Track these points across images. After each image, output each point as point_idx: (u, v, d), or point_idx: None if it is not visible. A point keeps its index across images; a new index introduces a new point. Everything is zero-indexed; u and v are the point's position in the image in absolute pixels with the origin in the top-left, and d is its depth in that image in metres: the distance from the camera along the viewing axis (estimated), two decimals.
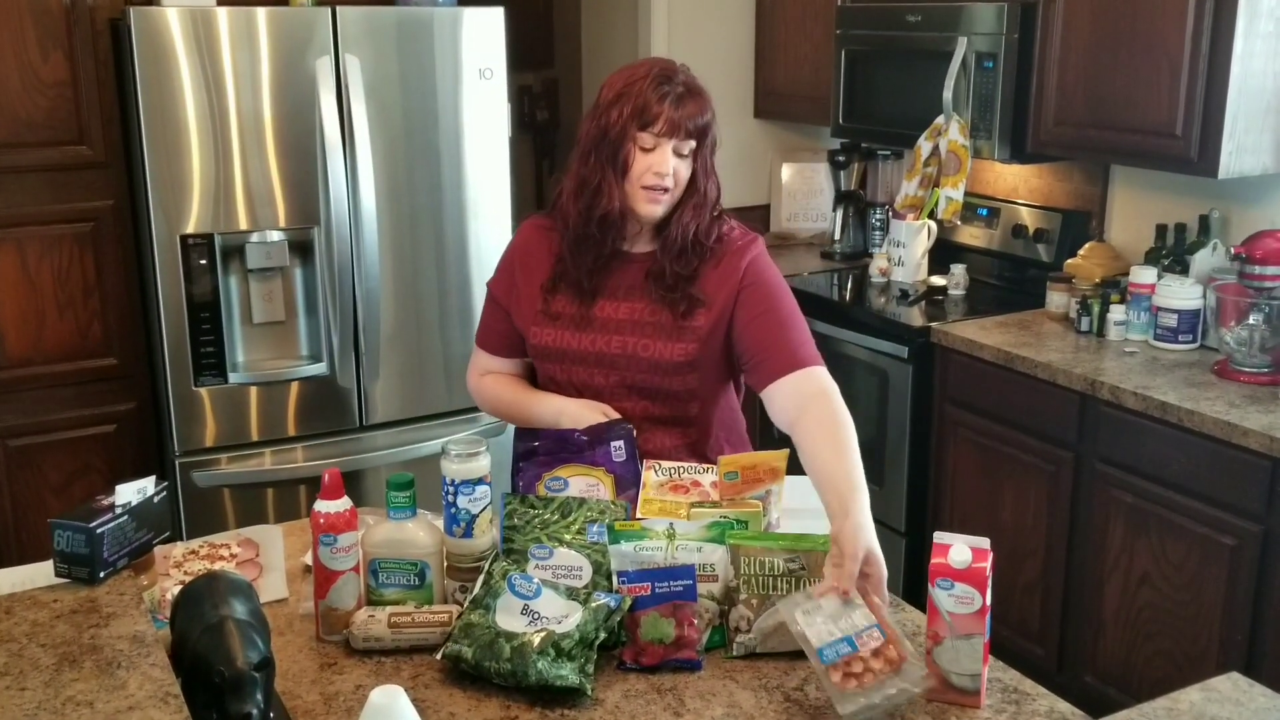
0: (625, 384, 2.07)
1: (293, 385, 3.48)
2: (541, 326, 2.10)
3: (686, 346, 2.04)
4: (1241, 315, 2.94)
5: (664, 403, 2.09)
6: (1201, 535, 2.77)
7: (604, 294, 2.08)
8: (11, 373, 3.44)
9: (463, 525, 1.78)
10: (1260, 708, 1.48)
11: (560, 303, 2.10)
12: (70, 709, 1.39)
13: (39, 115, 3.34)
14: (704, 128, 2.00)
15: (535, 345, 2.12)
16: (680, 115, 1.97)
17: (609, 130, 1.98)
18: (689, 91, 2.00)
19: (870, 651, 1.52)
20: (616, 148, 1.98)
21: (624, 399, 2.08)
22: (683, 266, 2.04)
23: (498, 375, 2.22)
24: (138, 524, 1.78)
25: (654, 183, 1.99)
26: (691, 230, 2.03)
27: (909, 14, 3.76)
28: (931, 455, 3.52)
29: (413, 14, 3.46)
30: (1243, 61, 2.92)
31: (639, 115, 1.97)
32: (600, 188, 2.00)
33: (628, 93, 1.98)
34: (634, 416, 2.06)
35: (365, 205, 3.40)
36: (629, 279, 2.08)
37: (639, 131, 1.97)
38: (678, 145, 1.98)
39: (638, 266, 2.08)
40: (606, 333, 2.07)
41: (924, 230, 3.92)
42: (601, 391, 2.08)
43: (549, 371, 2.13)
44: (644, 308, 2.06)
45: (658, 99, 1.96)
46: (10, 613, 1.62)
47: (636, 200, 2.01)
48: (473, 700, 1.58)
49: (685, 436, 2.13)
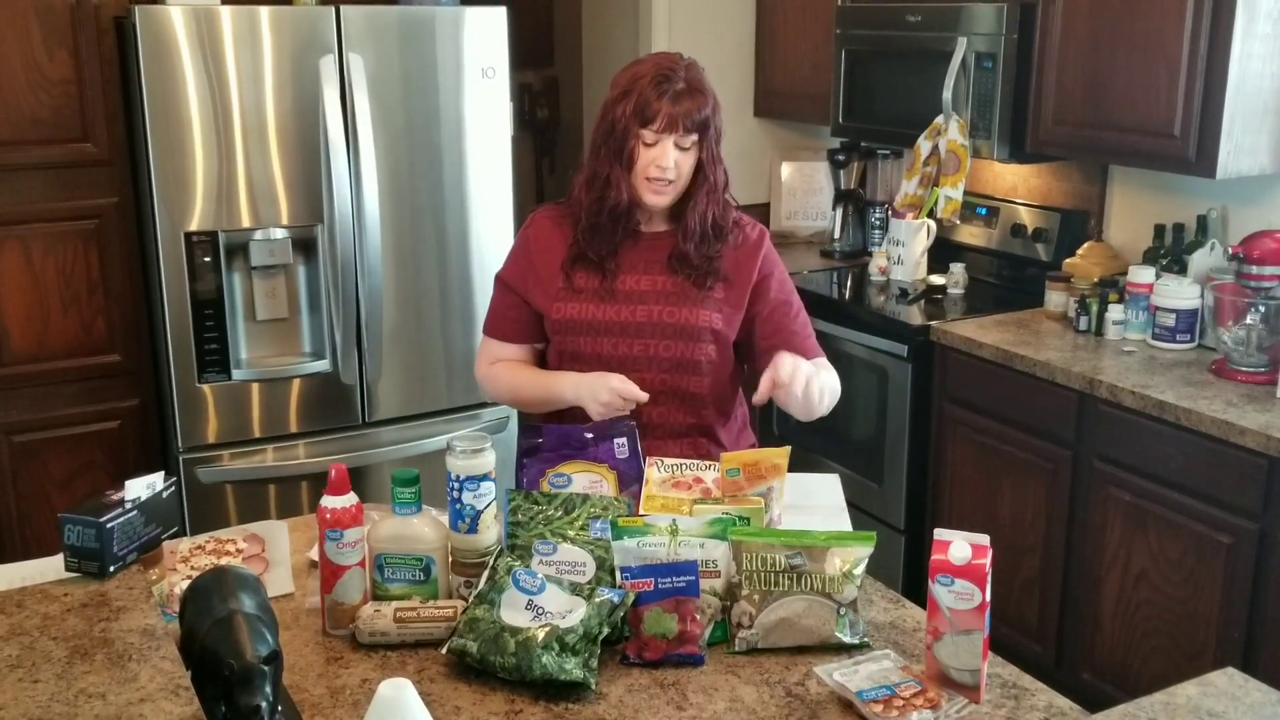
0: (649, 354, 2.15)
1: (296, 382, 3.50)
2: (565, 301, 2.17)
3: (710, 314, 2.15)
4: (1239, 315, 2.96)
5: (683, 374, 2.16)
6: (1199, 533, 2.79)
7: (625, 270, 2.17)
8: (16, 369, 3.45)
9: (467, 521, 1.80)
10: (1255, 702, 1.50)
11: (582, 279, 2.17)
12: (83, 701, 1.40)
13: (44, 113, 3.35)
14: (704, 122, 2.09)
15: (559, 320, 2.17)
16: (678, 111, 2.06)
17: (615, 127, 2.09)
18: (689, 87, 2.08)
19: (910, 693, 1.54)
20: (621, 143, 2.09)
21: (645, 369, 2.14)
22: (706, 249, 2.15)
23: (508, 362, 2.27)
24: (147, 519, 1.80)
25: (657, 175, 2.09)
26: (710, 216, 2.15)
27: (909, 14, 3.78)
28: (930, 453, 3.54)
29: (415, 13, 3.48)
30: (1241, 62, 2.94)
31: (640, 113, 2.07)
32: (609, 180, 2.11)
33: (630, 91, 2.08)
34: (652, 389, 2.12)
35: (368, 203, 3.42)
36: (649, 255, 2.18)
37: (640, 128, 2.08)
38: (678, 139, 2.08)
39: (656, 244, 2.18)
40: (631, 303, 2.15)
41: (923, 229, 3.94)
42: (625, 362, 2.14)
43: (572, 345, 2.18)
44: (666, 280, 2.16)
45: (656, 96, 2.06)
46: (22, 606, 1.63)
47: (642, 191, 2.11)
48: (477, 694, 1.59)
49: (698, 416, 2.20)
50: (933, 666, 1.58)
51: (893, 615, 1.81)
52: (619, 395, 2.05)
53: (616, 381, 2.06)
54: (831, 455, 3.85)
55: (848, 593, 1.69)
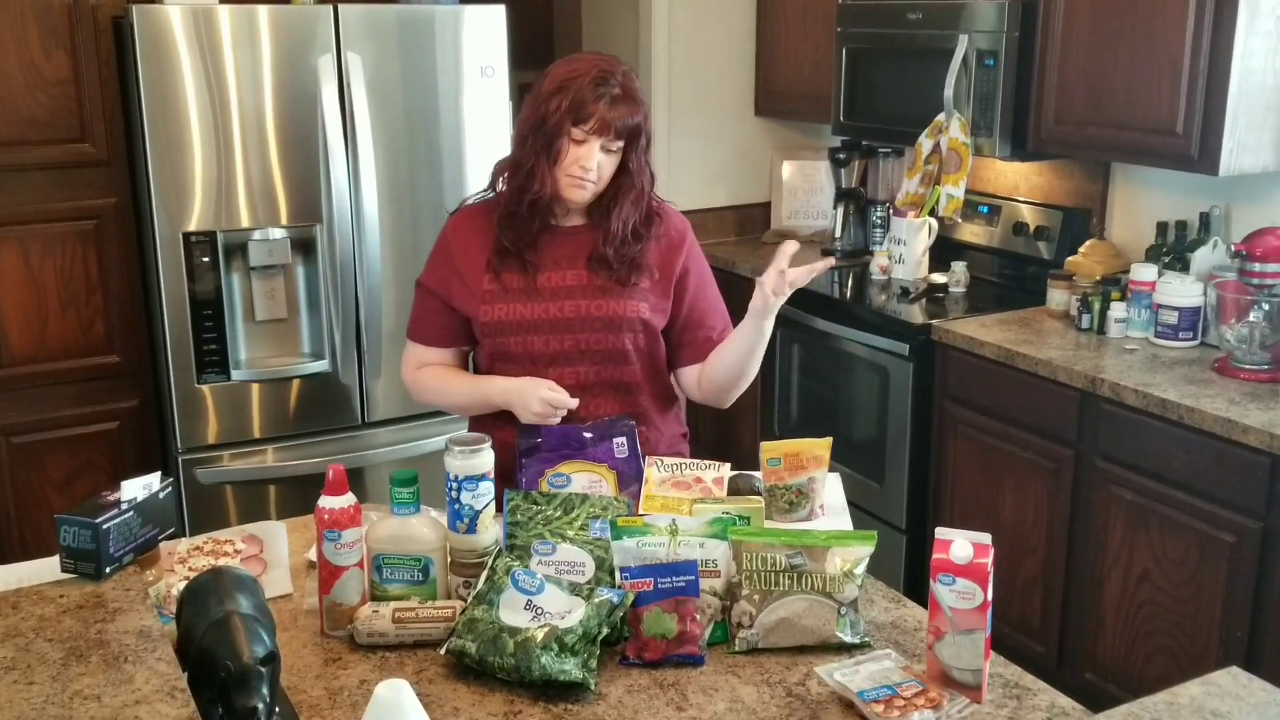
0: (579, 348, 2.17)
1: (295, 382, 3.49)
2: (491, 303, 2.17)
3: (637, 304, 2.17)
4: (1242, 312, 2.95)
5: (612, 366, 2.19)
6: (1201, 532, 2.78)
7: (547, 266, 2.18)
8: (14, 370, 3.45)
9: (466, 521, 1.79)
10: (1259, 702, 1.49)
11: (507, 278, 2.18)
12: (78, 703, 1.39)
13: (42, 113, 3.35)
14: (635, 129, 2.12)
15: (487, 322, 2.17)
16: (612, 116, 2.08)
17: (546, 119, 2.10)
18: (624, 94, 2.11)
19: (911, 693, 1.53)
20: (551, 138, 2.10)
21: (577, 363, 2.17)
22: (626, 251, 2.18)
23: (434, 367, 2.28)
24: (143, 520, 1.79)
25: (578, 174, 2.11)
26: (631, 222, 2.17)
27: (910, 11, 3.77)
28: (932, 453, 3.53)
29: (414, 12, 3.47)
30: (1243, 59, 2.93)
31: (574, 111, 2.08)
32: (533, 171, 2.13)
33: (567, 87, 2.09)
34: (582, 384, 2.15)
35: (367, 203, 3.41)
36: (568, 250, 2.19)
37: (572, 126, 2.09)
38: (606, 143, 2.10)
39: (574, 239, 2.20)
40: (558, 299, 2.16)
41: (925, 228, 3.93)
42: (556, 357, 2.16)
43: (502, 345, 2.18)
44: (587, 274, 2.17)
45: (594, 98, 2.07)
46: (17, 608, 1.62)
47: (562, 185, 2.13)
48: (476, 695, 1.58)
49: (633, 405, 2.23)
50: (934, 666, 1.57)
51: (894, 615, 1.80)
52: (549, 405, 2.08)
53: (546, 390, 2.09)
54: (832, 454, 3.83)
55: (848, 592, 1.69)
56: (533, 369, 2.16)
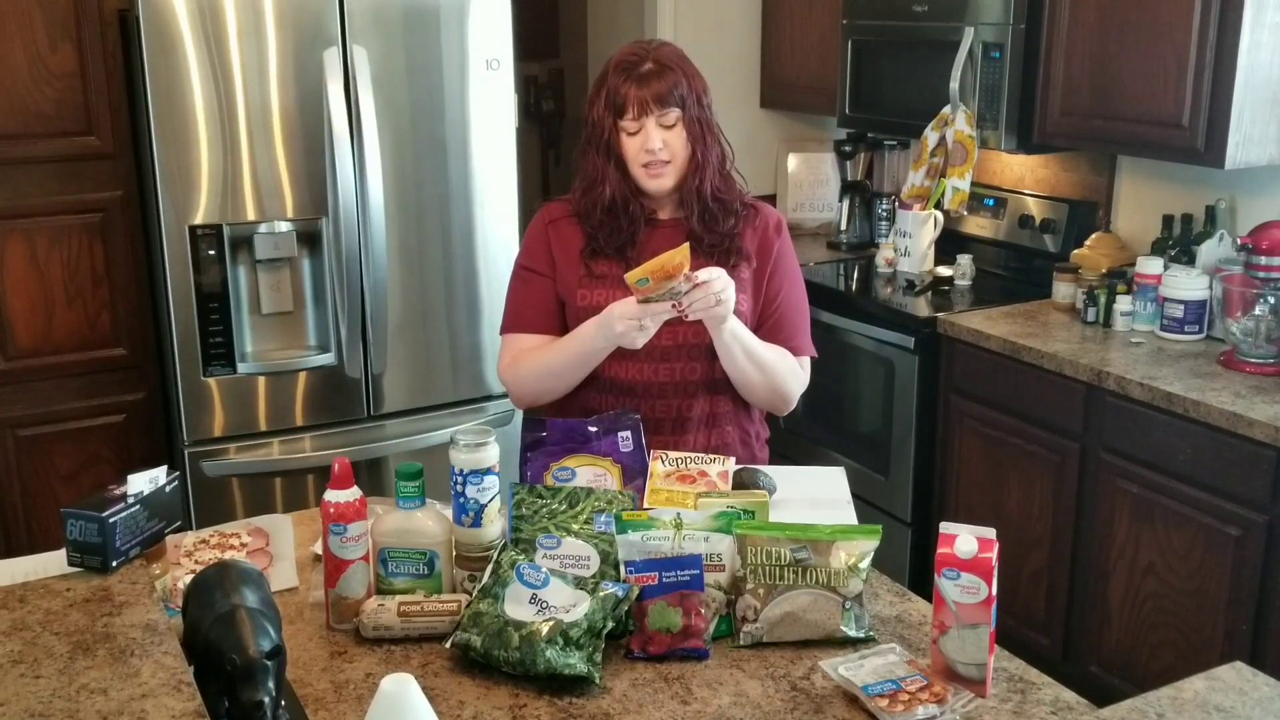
0: (677, 343, 2.12)
1: (301, 375, 3.49)
2: (589, 288, 2.14)
3: (739, 295, 2.07)
4: (1248, 306, 2.95)
5: (705, 360, 2.13)
6: (1206, 525, 2.78)
7: (645, 257, 2.07)
8: (21, 363, 3.45)
9: (471, 515, 1.79)
10: (1264, 696, 1.49)
11: (603, 266, 2.14)
12: (84, 696, 1.40)
13: (48, 106, 3.35)
14: (680, 97, 2.07)
15: (582, 307, 2.13)
16: (647, 93, 2.05)
17: (595, 125, 2.09)
18: (658, 67, 2.07)
19: (916, 687, 1.53)
20: (605, 139, 2.09)
21: (675, 359, 2.12)
22: (715, 226, 2.12)
23: (528, 350, 2.20)
24: (150, 513, 1.79)
25: (649, 159, 2.07)
26: (707, 190, 2.12)
27: (915, 4, 3.76)
28: (937, 445, 3.53)
29: (420, 4, 3.46)
30: (1250, 52, 2.92)
31: (612, 105, 2.07)
32: (597, 178, 2.10)
33: (601, 86, 2.09)
34: (685, 378, 2.12)
35: (373, 195, 3.41)
36: (668, 241, 2.10)
37: (616, 119, 2.07)
38: (660, 118, 2.06)
39: (672, 229, 2.15)
40: None
41: (930, 220, 3.92)
42: (653, 351, 2.10)
43: None
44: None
45: (622, 83, 2.06)
46: (24, 601, 1.63)
47: (641, 179, 2.10)
48: (481, 688, 1.59)
49: (718, 404, 2.18)
50: (939, 660, 1.57)
51: (898, 609, 1.80)
52: (626, 319, 1.97)
53: (618, 309, 1.98)
54: (837, 448, 3.85)
55: (853, 586, 1.69)
56: (623, 359, 2.11)
